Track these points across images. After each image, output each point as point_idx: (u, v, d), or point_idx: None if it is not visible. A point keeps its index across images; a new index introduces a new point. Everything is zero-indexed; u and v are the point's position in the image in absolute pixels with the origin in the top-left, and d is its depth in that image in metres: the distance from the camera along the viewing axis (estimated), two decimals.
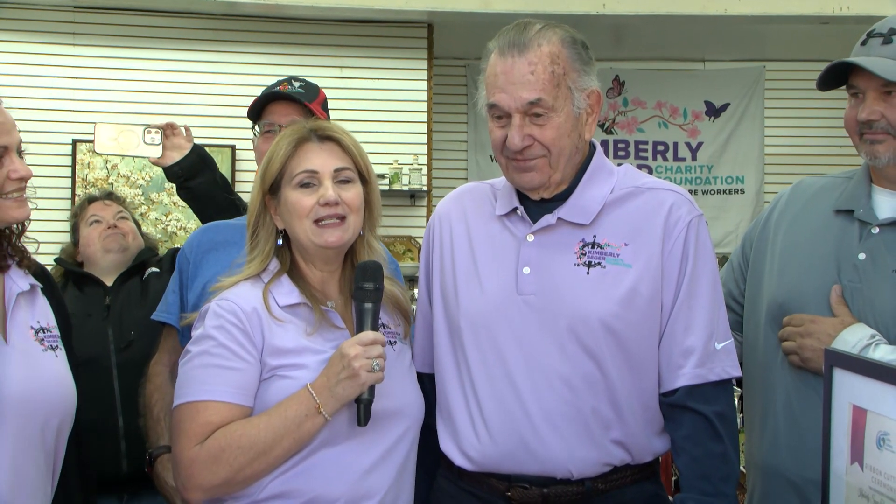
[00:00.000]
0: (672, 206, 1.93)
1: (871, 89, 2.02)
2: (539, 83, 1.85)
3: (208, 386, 1.82)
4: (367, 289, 1.88)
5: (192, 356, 1.87)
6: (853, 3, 5.90)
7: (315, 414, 1.78)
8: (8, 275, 1.90)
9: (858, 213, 2.09)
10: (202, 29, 6.24)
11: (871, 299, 2.01)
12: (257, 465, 1.79)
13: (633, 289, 1.87)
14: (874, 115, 2.01)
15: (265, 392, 1.84)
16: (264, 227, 1.98)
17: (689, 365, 1.90)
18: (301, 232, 1.92)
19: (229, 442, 1.78)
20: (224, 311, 1.87)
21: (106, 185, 5.94)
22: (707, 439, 1.88)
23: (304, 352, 1.87)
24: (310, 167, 1.92)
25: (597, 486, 1.89)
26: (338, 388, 1.78)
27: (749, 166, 7.80)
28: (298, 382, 1.82)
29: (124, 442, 2.92)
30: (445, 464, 2.01)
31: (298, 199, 1.91)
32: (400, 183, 6.37)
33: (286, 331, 1.88)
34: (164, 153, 2.87)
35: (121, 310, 3.07)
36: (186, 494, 1.83)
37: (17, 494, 1.77)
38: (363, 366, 1.78)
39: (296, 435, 1.78)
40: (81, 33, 6.13)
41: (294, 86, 2.57)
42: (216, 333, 1.85)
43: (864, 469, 1.57)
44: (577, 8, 5.86)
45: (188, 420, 1.82)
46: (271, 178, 1.95)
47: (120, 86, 6.10)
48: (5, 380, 1.77)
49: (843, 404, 1.63)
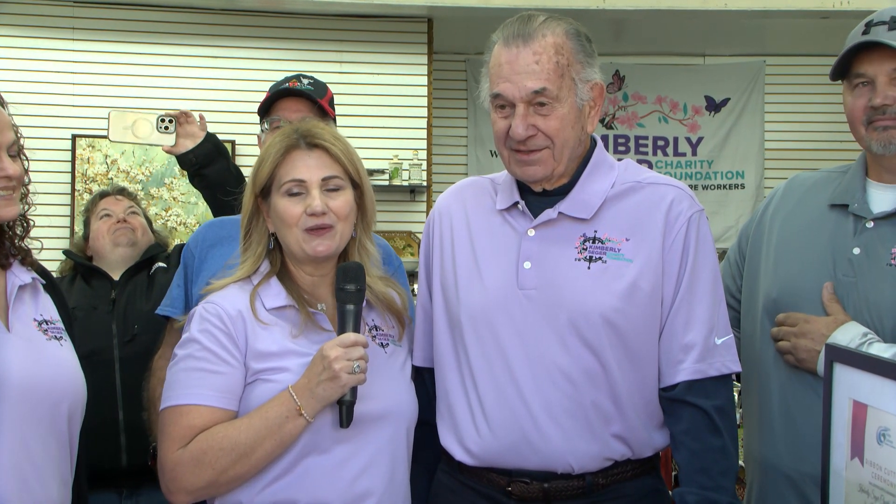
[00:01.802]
0: (673, 202, 1.93)
1: (882, 74, 2.02)
2: (544, 73, 1.85)
3: (192, 390, 1.83)
4: (349, 290, 1.88)
5: (178, 360, 1.89)
6: None
7: (296, 415, 1.79)
8: (10, 270, 1.91)
9: (853, 208, 2.09)
10: (201, 24, 6.23)
11: (866, 293, 2.02)
12: (240, 468, 1.79)
13: (634, 283, 1.87)
14: (888, 99, 2.00)
15: (248, 396, 1.85)
16: (257, 229, 1.99)
17: (690, 360, 1.90)
18: (291, 239, 1.93)
19: (211, 444, 1.79)
20: (209, 314, 1.88)
21: (105, 181, 5.94)
22: (706, 434, 1.88)
23: (287, 355, 1.87)
24: (297, 176, 1.92)
25: (597, 480, 1.89)
26: (318, 389, 1.79)
27: (749, 161, 7.79)
28: (280, 385, 1.83)
29: (124, 436, 2.92)
30: (446, 458, 2.01)
31: (286, 207, 1.92)
32: (400, 178, 6.36)
33: (271, 334, 1.88)
34: (177, 141, 2.88)
35: (126, 304, 3.08)
36: (171, 497, 1.85)
37: (27, 479, 1.78)
38: (344, 367, 1.78)
39: (277, 436, 1.79)
40: (81, 28, 6.12)
41: (303, 83, 2.58)
42: (201, 337, 1.87)
43: (864, 464, 1.57)
44: (578, 3, 5.85)
45: (172, 423, 1.84)
46: (261, 183, 1.96)
47: (119, 80, 6.09)
48: (7, 364, 1.78)
49: (844, 399, 1.63)
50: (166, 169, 6.11)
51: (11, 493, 1.75)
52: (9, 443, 1.75)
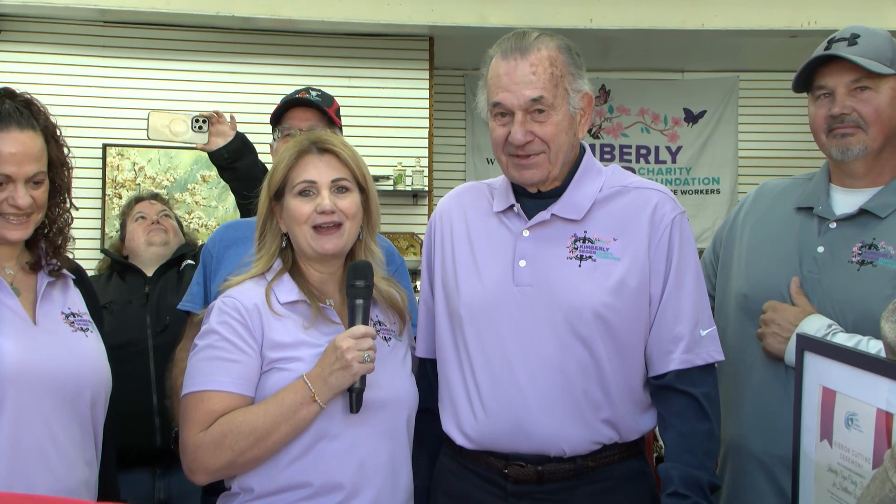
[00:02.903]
0: (657, 204, 1.92)
1: (841, 86, 2.03)
2: (540, 82, 1.85)
3: (212, 377, 1.83)
4: (358, 286, 1.88)
5: (198, 349, 1.88)
6: (820, 18, 5.89)
7: (310, 402, 1.79)
8: (42, 271, 1.91)
9: (818, 210, 2.10)
10: (220, 42, 6.23)
11: (830, 288, 2.02)
12: (257, 450, 1.79)
13: (622, 280, 1.87)
14: (846, 108, 2.02)
15: (264, 383, 1.84)
16: (270, 229, 1.99)
17: (678, 351, 1.89)
18: (301, 237, 1.93)
19: (231, 428, 1.79)
20: (227, 307, 1.88)
21: (133, 186, 5.95)
22: (695, 418, 1.88)
23: (300, 345, 1.87)
24: (308, 177, 1.93)
25: (587, 463, 1.88)
26: (331, 377, 1.79)
27: (724, 168, 7.79)
28: (294, 374, 1.83)
29: (158, 418, 2.94)
30: (447, 443, 2.00)
31: (298, 206, 1.92)
32: (403, 183, 6.36)
33: (285, 326, 1.88)
34: (210, 139, 2.90)
35: (158, 298, 3.10)
36: (192, 477, 1.85)
37: (50, 460, 1.78)
38: (355, 357, 1.78)
39: (292, 421, 1.79)
40: (111, 46, 6.13)
41: (312, 94, 2.60)
42: (220, 328, 1.86)
43: (833, 446, 1.56)
44: (566, 22, 5.84)
45: (193, 408, 1.83)
46: (276, 186, 1.96)
47: (145, 94, 6.08)
48: (34, 356, 1.78)
49: (814, 386, 1.63)
50: (189, 175, 6.11)
51: (34, 472, 1.76)
52: (31, 427, 1.76)
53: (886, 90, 2.01)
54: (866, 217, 2.03)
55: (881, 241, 1.99)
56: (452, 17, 5.95)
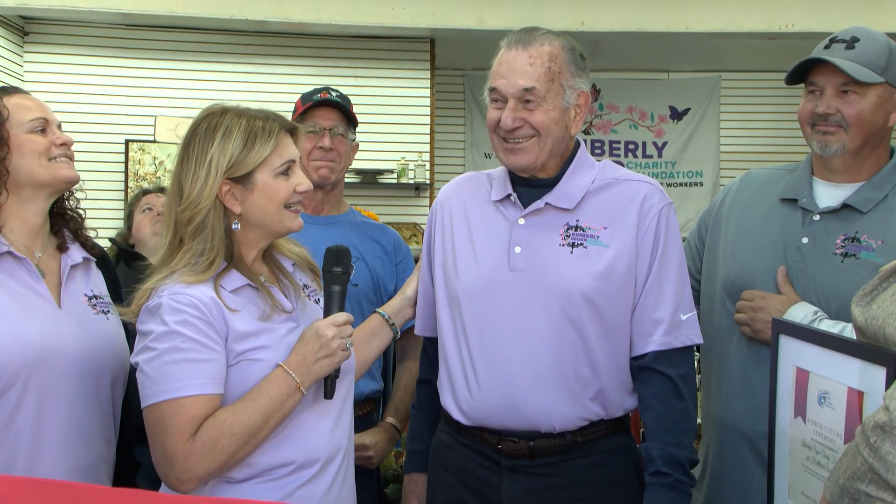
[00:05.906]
0: (646, 196, 1.91)
1: (830, 86, 2.02)
2: (535, 75, 1.84)
3: (188, 381, 1.62)
4: (336, 272, 1.78)
5: (159, 353, 1.63)
6: (797, 21, 5.87)
7: (295, 391, 1.67)
8: (66, 253, 1.90)
9: (802, 202, 2.08)
10: (235, 44, 6.22)
11: (814, 278, 2.01)
12: (249, 447, 1.66)
13: (611, 266, 1.86)
14: (830, 109, 2.01)
15: (235, 376, 1.68)
16: (216, 219, 1.75)
17: (658, 333, 1.88)
18: (276, 217, 1.78)
19: (223, 431, 1.62)
20: (184, 305, 1.65)
21: (154, 179, 5.96)
22: (671, 398, 1.87)
23: (262, 332, 1.71)
24: (291, 157, 1.83)
25: (576, 438, 1.87)
26: (315, 366, 1.69)
27: (707, 163, 7.78)
28: (267, 363, 1.69)
29: None
30: (445, 418, 2.00)
31: (280, 185, 1.79)
32: (406, 177, 6.37)
33: (242, 314, 1.71)
34: None
35: None
36: (181, 486, 1.63)
37: (71, 440, 1.77)
38: (339, 345, 1.71)
39: (280, 413, 1.67)
40: (132, 48, 6.13)
41: (332, 94, 2.57)
42: (182, 329, 1.64)
43: (806, 422, 1.56)
44: (558, 25, 5.81)
45: (174, 416, 1.61)
46: (252, 166, 1.79)
47: (164, 93, 6.11)
48: (59, 338, 1.77)
49: (788, 366, 1.63)
50: None
51: (56, 451, 1.75)
52: (54, 407, 1.75)
53: (872, 96, 1.99)
54: (848, 211, 2.02)
55: (863, 235, 1.98)
56: (452, 21, 5.95)
